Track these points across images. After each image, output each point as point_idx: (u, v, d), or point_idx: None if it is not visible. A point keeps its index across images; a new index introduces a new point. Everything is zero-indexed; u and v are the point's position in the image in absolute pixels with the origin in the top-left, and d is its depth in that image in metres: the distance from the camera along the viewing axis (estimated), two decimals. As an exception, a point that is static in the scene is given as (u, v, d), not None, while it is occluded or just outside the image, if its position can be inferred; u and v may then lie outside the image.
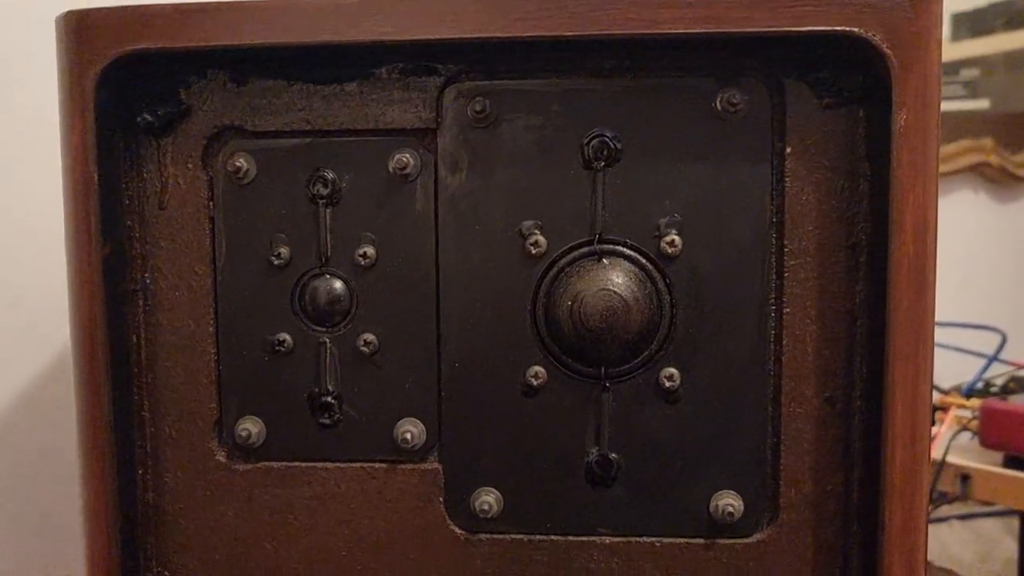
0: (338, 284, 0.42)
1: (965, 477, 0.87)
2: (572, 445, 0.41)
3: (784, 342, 0.40)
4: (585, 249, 0.41)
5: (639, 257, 0.40)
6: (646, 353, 0.41)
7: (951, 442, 0.91)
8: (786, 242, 0.40)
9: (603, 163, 0.40)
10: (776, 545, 0.41)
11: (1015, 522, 1.00)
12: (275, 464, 0.43)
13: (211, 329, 0.43)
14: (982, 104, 1.35)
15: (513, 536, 0.42)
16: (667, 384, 0.41)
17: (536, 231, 0.41)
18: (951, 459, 0.89)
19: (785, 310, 0.40)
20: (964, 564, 0.98)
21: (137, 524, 0.43)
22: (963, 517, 1.08)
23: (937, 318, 0.39)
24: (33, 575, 0.67)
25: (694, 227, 0.40)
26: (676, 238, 0.40)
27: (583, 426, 0.41)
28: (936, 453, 0.90)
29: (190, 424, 0.43)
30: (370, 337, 0.42)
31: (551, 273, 0.41)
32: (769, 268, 0.40)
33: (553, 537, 0.42)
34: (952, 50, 1.33)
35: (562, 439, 0.41)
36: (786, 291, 0.40)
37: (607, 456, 0.41)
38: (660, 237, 0.40)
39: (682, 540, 0.41)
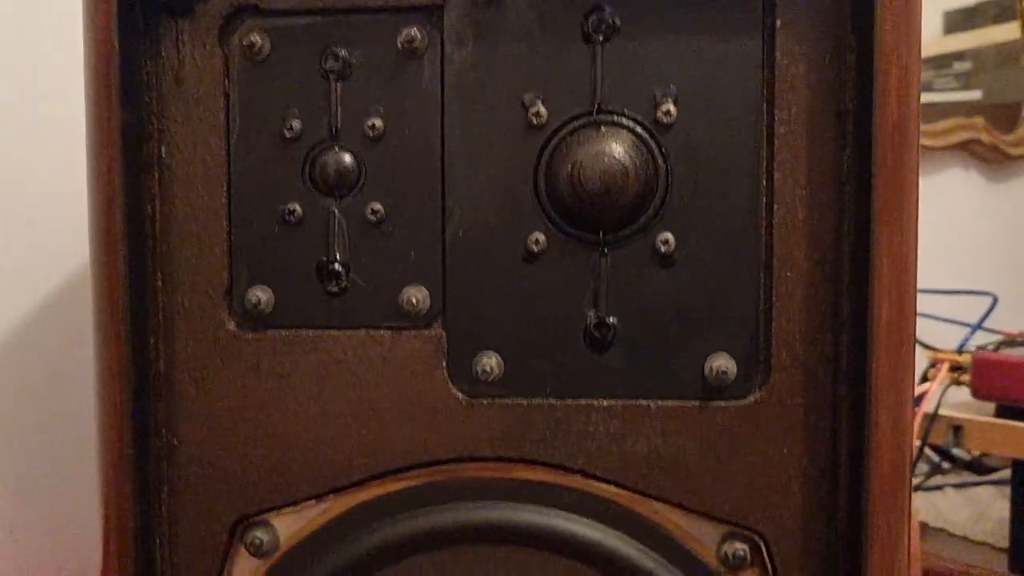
0: (347, 156, 0.43)
1: (957, 428, 0.89)
2: (571, 310, 0.43)
3: (775, 207, 0.42)
4: (584, 119, 0.42)
5: (636, 126, 0.42)
6: (642, 219, 0.42)
7: (942, 396, 0.93)
8: (776, 111, 0.42)
9: (602, 37, 0.42)
10: (769, 406, 0.42)
11: (1007, 489, 1.01)
12: (283, 332, 0.44)
13: (223, 201, 0.44)
14: (974, 95, 1.38)
15: (513, 400, 0.43)
16: (663, 249, 0.42)
17: (538, 102, 0.42)
18: (943, 412, 0.90)
19: (776, 176, 0.42)
20: (958, 525, 0.98)
21: (148, 393, 0.45)
22: (957, 486, 1.09)
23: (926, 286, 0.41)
24: (37, 500, 0.68)
25: (689, 98, 0.42)
26: (671, 108, 0.42)
27: (581, 291, 0.43)
28: (928, 407, 0.91)
29: (201, 294, 0.45)
30: (377, 207, 0.43)
31: (552, 143, 0.43)
32: (760, 136, 0.42)
33: (552, 401, 0.43)
34: (944, 43, 1.36)
35: (561, 304, 0.43)
36: (777, 158, 0.42)
37: (605, 320, 0.43)
38: (656, 107, 0.42)
39: (677, 402, 0.43)
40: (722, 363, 0.42)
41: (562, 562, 0.47)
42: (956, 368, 0.94)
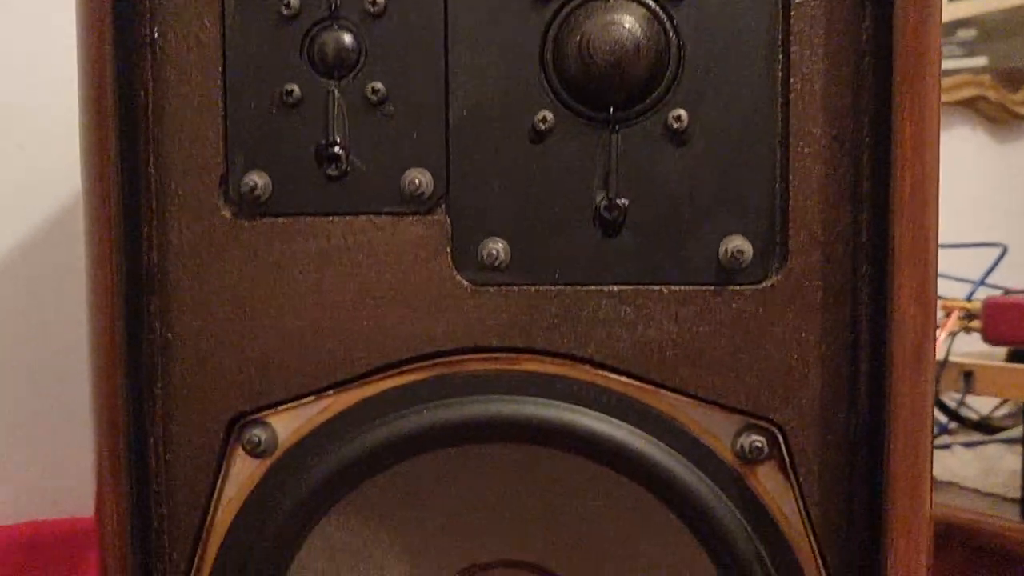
0: (347, 35, 0.42)
1: (968, 374, 0.87)
2: (580, 191, 0.41)
3: (792, 81, 0.40)
4: (593, -8, 0.41)
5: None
6: (654, 95, 0.41)
7: (952, 345, 0.91)
8: (793, -19, 0.40)
9: (611, -93, 0.41)
10: (786, 289, 0.41)
11: (1016, 446, 1.00)
12: (280, 219, 0.43)
13: (218, 83, 0.42)
14: (980, 62, 1.36)
15: (521, 286, 0.42)
16: (675, 125, 0.41)
17: (544, -26, 0.41)
18: (953, 359, 0.89)
19: (792, 49, 0.40)
20: (968, 479, 0.97)
21: (141, 284, 0.43)
22: (966, 444, 1.08)
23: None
24: (33, 436, 0.67)
25: (701, -32, 0.40)
26: (683, -22, 0.40)
27: (591, 171, 0.41)
28: (938, 354, 0.90)
29: (196, 180, 0.43)
30: (378, 87, 0.42)
31: (559, 16, 0.41)
32: (776, 7, 0.40)
33: (562, 286, 0.42)
34: (949, 10, 1.34)
35: (570, 185, 0.41)
36: (793, 30, 0.40)
37: (615, 201, 0.41)
38: (668, -22, 0.40)
39: (691, 287, 0.41)
40: (737, 245, 0.41)
41: (572, 459, 0.45)
42: (967, 317, 0.92)
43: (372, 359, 0.43)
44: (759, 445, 0.41)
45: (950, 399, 1.14)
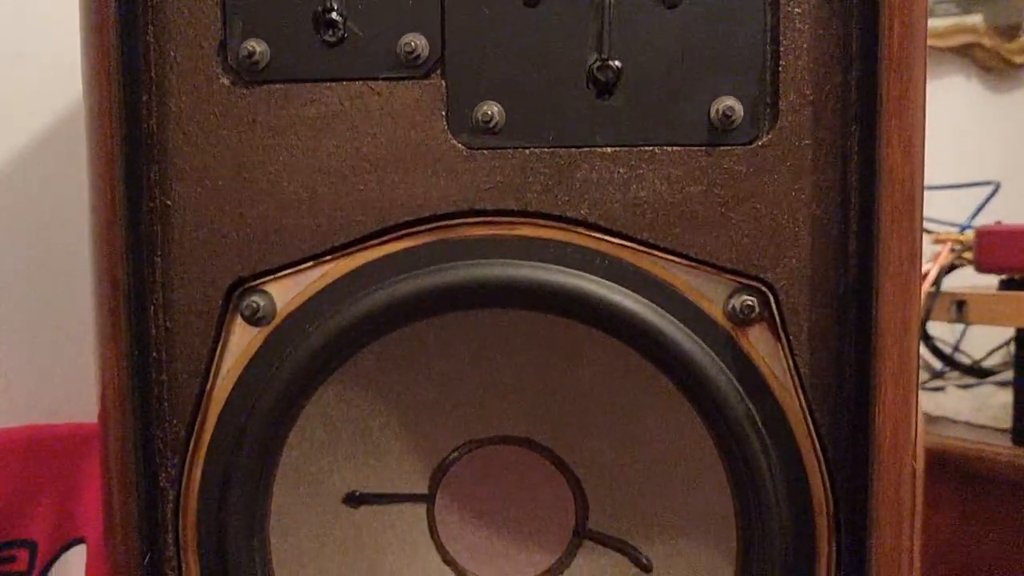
0: (343, -99, 0.42)
1: (960, 303, 0.88)
2: (574, 53, 0.42)
3: (782, -59, 0.41)
4: None
5: None
6: (647, -44, 0.41)
7: (945, 276, 0.92)
8: None
9: None
10: (776, 149, 0.41)
11: (1009, 388, 1.01)
12: (278, 85, 0.43)
13: (216, -50, 0.43)
14: (975, 19, 1.37)
15: (515, 149, 0.42)
16: (668, -13, 0.41)
17: None
18: (946, 288, 0.90)
19: (783, -91, 0.41)
20: (960, 413, 0.98)
21: (140, 151, 0.44)
22: (959, 386, 1.09)
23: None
24: (30, 343, 0.67)
25: None
26: None
27: (584, 33, 0.42)
28: (932, 285, 0.91)
29: (194, 47, 0.43)
30: (374, -48, 0.42)
31: None
32: None
33: (555, 148, 0.42)
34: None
35: (564, 47, 0.42)
36: None
37: (608, 63, 0.42)
38: None
39: (683, 147, 0.42)
40: (729, 105, 0.41)
41: (566, 331, 0.46)
42: (960, 249, 0.93)
43: (369, 223, 0.43)
44: (750, 304, 0.42)
45: (944, 345, 1.15)
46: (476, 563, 0.50)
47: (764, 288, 0.42)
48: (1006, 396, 0.97)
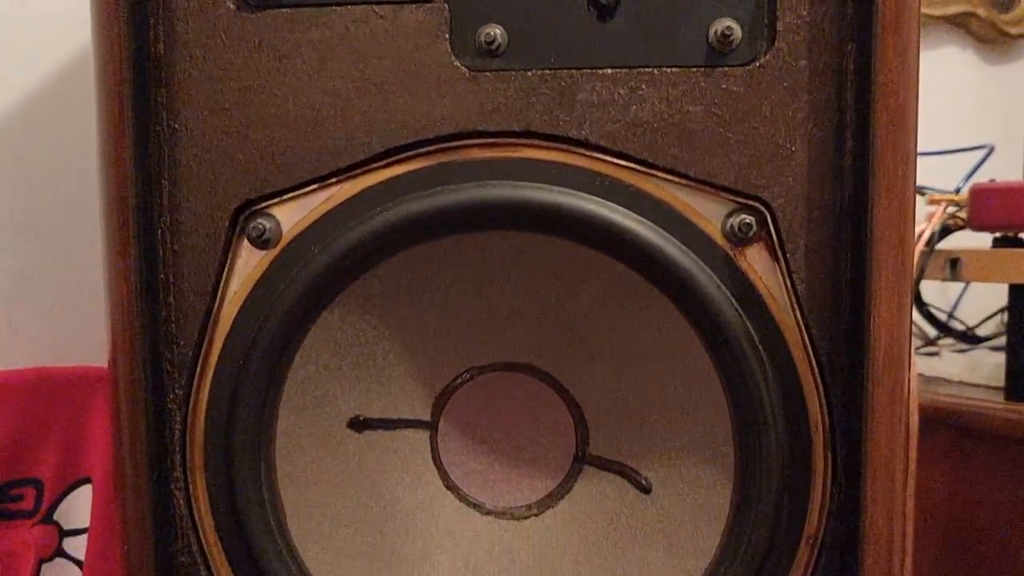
0: None
1: (954, 261, 0.89)
2: (575, -25, 0.43)
3: None
4: None
5: None
6: None
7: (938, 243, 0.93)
8: None
9: None
10: (774, 69, 0.42)
11: (1003, 353, 1.02)
12: (284, 9, 0.44)
13: None
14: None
15: (517, 71, 0.43)
16: (667, -91, 0.42)
17: None
18: (940, 247, 0.91)
19: None
20: (954, 374, 0.99)
21: (148, 76, 0.44)
22: (955, 351, 1.10)
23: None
24: (37, 290, 0.68)
25: None
26: None
27: (586, -44, 0.43)
28: (926, 244, 0.92)
29: (202, -28, 0.44)
30: None
31: None
32: None
33: (557, 70, 0.43)
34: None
35: (565, -30, 0.43)
36: None
37: (609, -15, 0.42)
38: None
39: (682, 68, 0.43)
40: (727, 25, 0.42)
41: (567, 255, 0.47)
42: (953, 209, 0.94)
43: (373, 145, 0.44)
44: (748, 223, 0.43)
45: (939, 312, 1.16)
46: (477, 488, 0.51)
47: (762, 207, 0.43)
48: (1000, 358, 0.98)
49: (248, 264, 0.45)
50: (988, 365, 0.99)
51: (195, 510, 0.46)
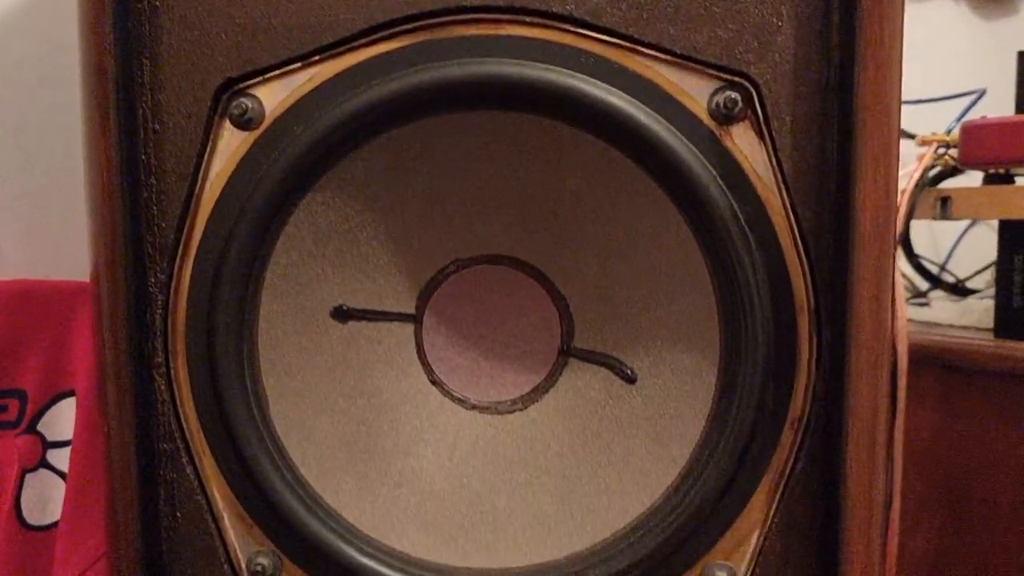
0: None
1: (944, 199, 0.89)
2: None
3: None
4: None
5: None
6: None
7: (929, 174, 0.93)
8: None
9: None
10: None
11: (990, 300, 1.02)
12: None
13: None
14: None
15: (502, -56, 0.43)
16: None
17: None
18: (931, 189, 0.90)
19: None
20: (943, 318, 0.99)
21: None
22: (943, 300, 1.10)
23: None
24: (21, 214, 0.67)
25: None
26: None
27: None
28: (917, 183, 0.91)
29: None
30: None
31: None
32: None
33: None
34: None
35: None
36: None
37: None
38: None
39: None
40: None
41: (553, 132, 0.46)
42: (944, 150, 0.94)
43: (356, 21, 0.43)
44: (734, 99, 0.43)
45: (931, 264, 1.16)
46: (462, 383, 0.50)
47: (747, 84, 0.43)
48: (989, 305, 0.99)
49: (230, 144, 0.45)
50: (978, 310, 0.99)
51: (177, 397, 0.46)
